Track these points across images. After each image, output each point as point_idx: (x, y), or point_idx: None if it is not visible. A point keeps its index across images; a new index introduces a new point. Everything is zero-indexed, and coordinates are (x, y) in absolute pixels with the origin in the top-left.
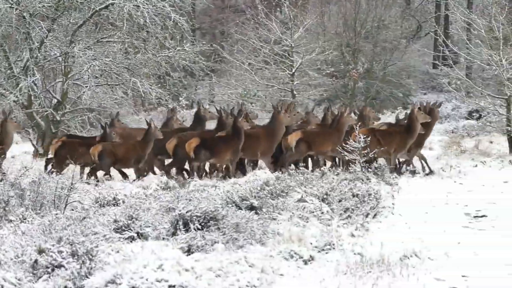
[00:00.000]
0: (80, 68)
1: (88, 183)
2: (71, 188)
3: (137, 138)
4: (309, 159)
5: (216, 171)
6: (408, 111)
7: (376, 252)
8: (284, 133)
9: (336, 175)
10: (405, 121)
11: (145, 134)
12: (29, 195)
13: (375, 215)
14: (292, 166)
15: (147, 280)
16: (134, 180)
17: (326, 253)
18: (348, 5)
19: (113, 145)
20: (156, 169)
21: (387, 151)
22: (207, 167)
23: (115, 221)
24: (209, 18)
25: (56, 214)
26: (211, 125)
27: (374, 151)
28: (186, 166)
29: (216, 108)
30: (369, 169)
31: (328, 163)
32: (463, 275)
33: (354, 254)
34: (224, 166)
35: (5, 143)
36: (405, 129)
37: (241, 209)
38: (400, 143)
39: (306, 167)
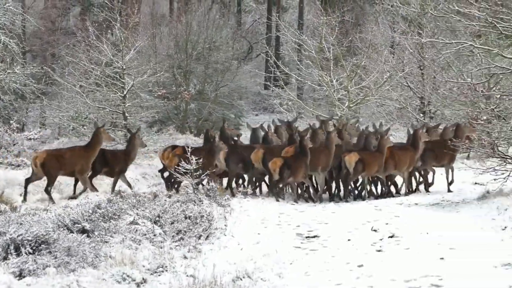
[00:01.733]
0: None
1: None
2: None
3: None
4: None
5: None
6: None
7: (209, 273)
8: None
9: (169, 197)
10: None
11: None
12: None
13: (207, 236)
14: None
15: None
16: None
17: (159, 275)
18: (179, 27)
19: None
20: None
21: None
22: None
23: None
24: (39, 40)
25: None
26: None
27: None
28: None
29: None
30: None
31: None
32: None
33: (187, 276)
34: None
35: (130, 157)
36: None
37: (73, 233)
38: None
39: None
